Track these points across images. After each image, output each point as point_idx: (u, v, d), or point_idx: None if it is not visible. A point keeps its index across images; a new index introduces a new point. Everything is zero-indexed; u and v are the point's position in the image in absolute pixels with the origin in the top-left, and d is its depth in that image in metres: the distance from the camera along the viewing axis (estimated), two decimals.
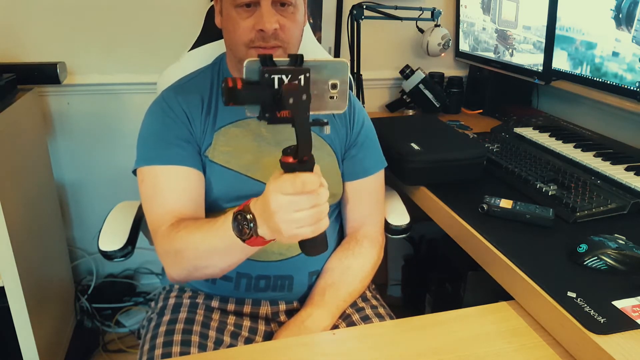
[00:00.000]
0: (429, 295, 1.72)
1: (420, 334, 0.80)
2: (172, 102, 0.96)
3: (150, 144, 0.94)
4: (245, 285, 0.97)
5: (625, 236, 0.90)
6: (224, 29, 0.95)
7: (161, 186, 0.91)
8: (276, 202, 0.65)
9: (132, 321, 1.81)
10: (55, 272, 1.61)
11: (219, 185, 0.95)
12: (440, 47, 1.70)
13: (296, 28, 0.92)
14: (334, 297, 0.95)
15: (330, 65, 0.65)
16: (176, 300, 0.98)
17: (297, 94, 0.60)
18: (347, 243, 1.04)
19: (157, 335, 0.89)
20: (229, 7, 0.90)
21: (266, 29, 0.87)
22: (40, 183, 1.53)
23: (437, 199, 1.13)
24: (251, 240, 0.72)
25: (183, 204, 0.91)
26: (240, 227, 0.72)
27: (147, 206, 0.93)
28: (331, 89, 0.66)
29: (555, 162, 1.26)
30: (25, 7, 1.51)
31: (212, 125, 0.96)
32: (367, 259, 1.02)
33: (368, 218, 1.07)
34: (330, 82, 0.66)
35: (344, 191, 1.06)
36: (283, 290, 0.98)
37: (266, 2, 0.87)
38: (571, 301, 0.77)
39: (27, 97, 1.44)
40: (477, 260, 0.98)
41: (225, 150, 0.95)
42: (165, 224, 0.88)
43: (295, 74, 0.62)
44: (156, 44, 1.63)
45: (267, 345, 0.83)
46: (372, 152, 1.08)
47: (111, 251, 1.03)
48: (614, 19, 1.23)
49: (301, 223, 0.66)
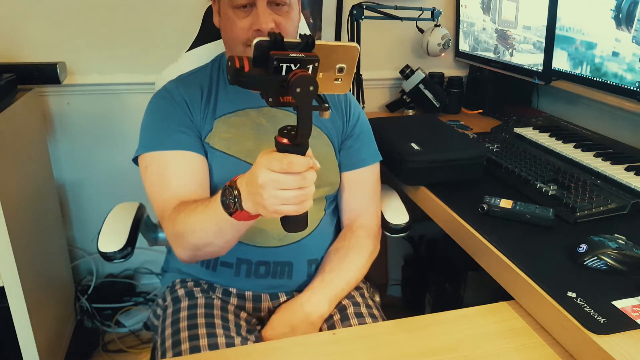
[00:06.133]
0: (429, 295, 1.72)
1: (420, 334, 0.80)
2: (173, 92, 0.99)
3: (153, 131, 0.97)
4: (246, 271, 0.99)
5: (625, 236, 0.90)
6: (222, 28, 0.98)
7: (166, 171, 0.94)
8: (263, 176, 0.67)
9: (132, 321, 1.81)
10: (55, 272, 1.61)
11: (220, 171, 0.97)
12: (440, 47, 1.70)
13: (291, 26, 0.95)
14: (332, 285, 0.98)
15: (341, 49, 0.65)
16: (185, 292, 0.99)
17: (304, 84, 0.60)
18: (344, 235, 1.07)
19: (180, 320, 0.91)
20: (226, 8, 0.93)
21: (262, 29, 0.90)
22: (40, 183, 1.53)
23: (437, 198, 1.13)
24: (237, 214, 0.75)
25: (187, 187, 0.93)
26: (227, 201, 0.75)
27: (152, 191, 0.95)
28: (337, 72, 0.66)
29: (555, 162, 1.26)
30: (25, 7, 1.51)
31: (212, 113, 0.99)
32: (364, 249, 1.05)
33: (364, 209, 1.10)
34: (337, 66, 0.65)
35: (341, 181, 1.08)
36: (283, 277, 1.00)
37: (262, 3, 0.90)
38: (571, 301, 0.77)
39: (27, 97, 1.44)
40: (477, 260, 0.98)
41: (226, 137, 0.98)
42: (170, 208, 0.90)
43: (304, 63, 0.61)
44: (156, 44, 1.63)
45: (267, 345, 0.83)
46: (367, 145, 1.11)
47: (111, 252, 1.03)
48: (614, 19, 1.23)
49: (285, 201, 0.68)
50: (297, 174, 0.66)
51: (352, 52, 0.65)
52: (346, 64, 0.65)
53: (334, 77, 0.66)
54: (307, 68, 0.61)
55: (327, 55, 0.63)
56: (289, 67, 0.60)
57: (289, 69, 0.60)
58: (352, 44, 0.65)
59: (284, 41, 0.61)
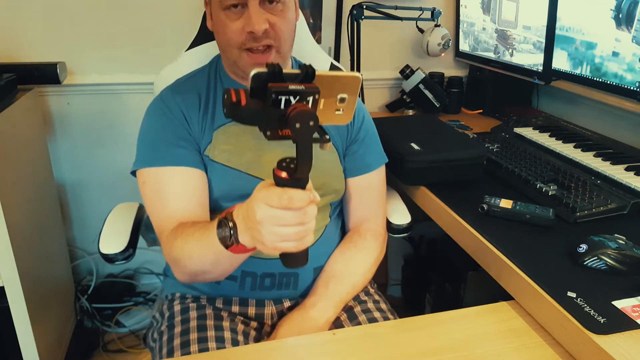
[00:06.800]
0: (429, 295, 1.72)
1: (420, 334, 0.80)
2: (170, 103, 0.95)
3: (150, 145, 0.94)
4: (250, 284, 0.96)
5: (625, 236, 0.90)
6: (215, 32, 0.95)
7: (164, 189, 0.91)
8: (261, 212, 0.63)
9: (132, 321, 1.81)
10: (55, 272, 1.61)
11: (220, 184, 0.94)
12: (440, 47, 1.70)
13: (287, 25, 0.91)
14: (338, 289, 0.95)
15: (343, 79, 0.61)
16: (182, 307, 0.96)
17: (304, 119, 0.56)
18: (350, 237, 1.05)
19: (173, 349, 0.88)
20: (217, 10, 0.90)
21: (255, 30, 0.86)
22: (40, 183, 1.53)
23: (437, 199, 1.13)
24: (233, 247, 0.72)
25: (186, 206, 0.90)
26: (223, 233, 0.72)
27: (150, 209, 0.93)
28: (339, 103, 0.63)
29: (555, 162, 1.25)
30: (25, 7, 1.51)
31: (210, 124, 0.96)
32: (370, 252, 1.02)
33: (371, 213, 1.07)
34: (339, 96, 0.62)
35: (346, 188, 1.05)
36: (288, 288, 0.98)
37: (254, 3, 0.86)
38: (571, 301, 0.77)
39: (27, 97, 1.44)
40: (477, 260, 0.98)
41: (226, 148, 0.95)
42: (168, 228, 0.88)
43: (304, 95, 0.57)
44: (156, 44, 1.63)
45: (267, 345, 0.83)
46: (373, 148, 1.08)
47: (112, 254, 1.02)
48: (614, 19, 1.23)
49: (285, 237, 0.64)
50: (298, 209, 0.63)
51: (354, 82, 0.62)
52: (348, 94, 0.62)
53: (335, 107, 0.63)
54: (307, 100, 0.58)
55: (328, 86, 0.60)
56: (288, 100, 0.57)
57: (288, 102, 0.57)
58: (354, 74, 0.62)
59: (283, 72, 0.58)
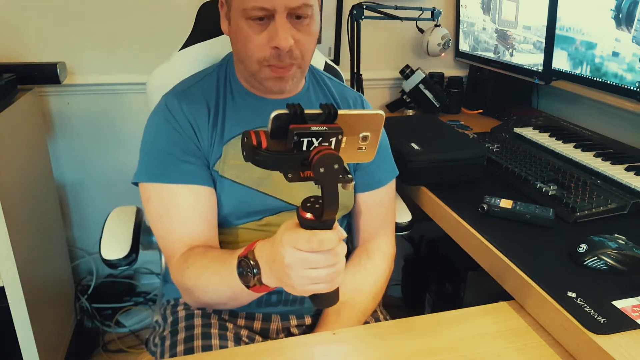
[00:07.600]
0: (429, 295, 1.72)
1: (420, 334, 0.80)
2: (176, 113, 0.89)
3: (155, 158, 0.88)
4: (257, 300, 0.90)
5: (625, 236, 0.90)
6: (233, 40, 0.89)
7: (171, 208, 0.86)
8: (290, 256, 0.61)
9: (132, 321, 1.81)
10: (55, 272, 1.61)
11: (230, 201, 0.90)
12: (440, 47, 1.70)
13: (311, 42, 0.87)
14: (350, 317, 0.92)
15: (366, 117, 0.60)
16: (186, 313, 0.94)
17: (329, 164, 0.55)
18: (358, 256, 0.99)
19: (176, 355, 0.86)
20: (238, 17, 0.83)
21: (281, 47, 0.81)
22: (40, 183, 1.53)
23: (437, 199, 1.13)
24: (256, 288, 0.70)
25: (195, 228, 0.87)
26: (245, 273, 0.70)
27: (156, 229, 0.89)
28: (361, 141, 0.61)
29: (555, 162, 1.26)
30: (25, 7, 1.51)
31: (220, 137, 0.90)
32: (379, 274, 0.98)
33: (380, 229, 1.03)
34: (361, 135, 0.61)
35: (356, 202, 1.01)
36: (295, 305, 0.95)
37: (281, 16, 0.80)
38: (571, 301, 0.77)
39: (27, 97, 1.44)
40: (477, 260, 0.98)
41: (235, 164, 0.90)
42: (177, 253, 0.85)
43: (327, 136, 0.56)
44: (156, 44, 1.62)
45: (267, 345, 0.83)
46: (384, 162, 1.04)
47: (116, 260, 1.01)
48: (614, 19, 1.23)
49: (316, 280, 0.63)
50: (328, 251, 0.61)
51: (377, 120, 0.61)
52: (370, 132, 0.61)
53: (357, 146, 0.62)
54: (329, 141, 0.57)
55: (350, 125, 0.59)
56: (310, 141, 0.56)
57: (310, 143, 0.56)
58: (378, 112, 0.60)
59: (304, 113, 0.56)
